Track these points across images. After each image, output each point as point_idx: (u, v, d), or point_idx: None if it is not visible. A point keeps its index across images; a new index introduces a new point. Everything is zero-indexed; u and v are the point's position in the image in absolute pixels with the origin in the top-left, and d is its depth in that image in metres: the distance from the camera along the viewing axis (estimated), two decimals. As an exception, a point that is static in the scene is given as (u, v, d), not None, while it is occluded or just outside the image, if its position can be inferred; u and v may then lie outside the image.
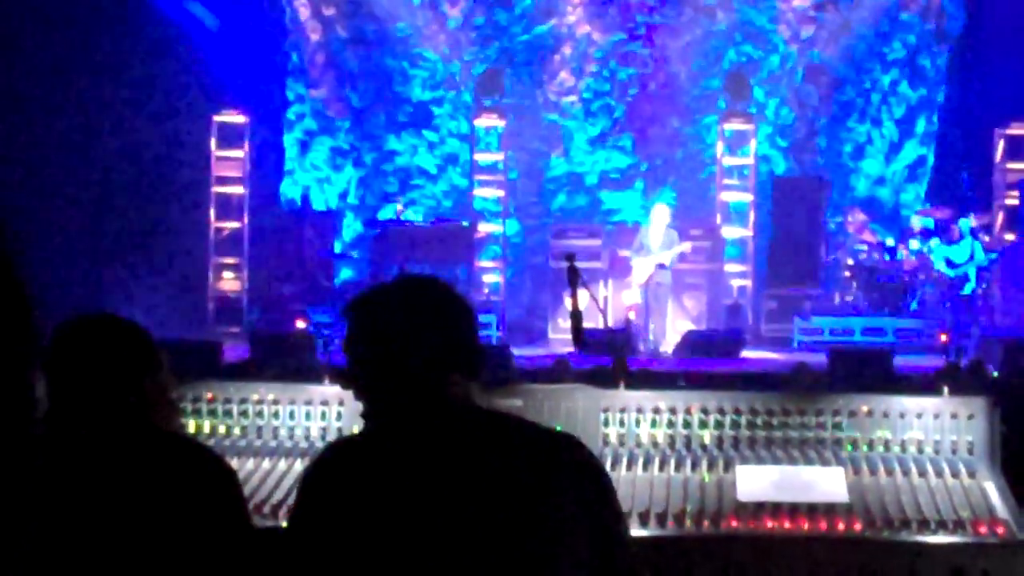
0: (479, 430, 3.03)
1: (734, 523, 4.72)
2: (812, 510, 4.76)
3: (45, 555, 3.03)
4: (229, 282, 19.14)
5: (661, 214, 16.83)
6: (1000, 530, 4.63)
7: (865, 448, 5.13)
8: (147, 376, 3.43)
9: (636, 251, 16.70)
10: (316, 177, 21.44)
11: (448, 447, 2.97)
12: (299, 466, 5.13)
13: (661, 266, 16.52)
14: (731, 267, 19.65)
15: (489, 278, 19.81)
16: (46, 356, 3.36)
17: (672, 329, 16.96)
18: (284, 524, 4.10)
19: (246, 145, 19.27)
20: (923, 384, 6.85)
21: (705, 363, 13.99)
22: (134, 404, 3.37)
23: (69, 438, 3.26)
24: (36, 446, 2.70)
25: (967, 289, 17.08)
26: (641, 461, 5.10)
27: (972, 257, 17.10)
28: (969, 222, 17.37)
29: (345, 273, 20.26)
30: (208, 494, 3.26)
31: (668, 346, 16.34)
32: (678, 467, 5.06)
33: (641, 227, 17.31)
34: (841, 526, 4.68)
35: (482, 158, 20.34)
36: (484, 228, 20.07)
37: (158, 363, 3.49)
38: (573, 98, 21.44)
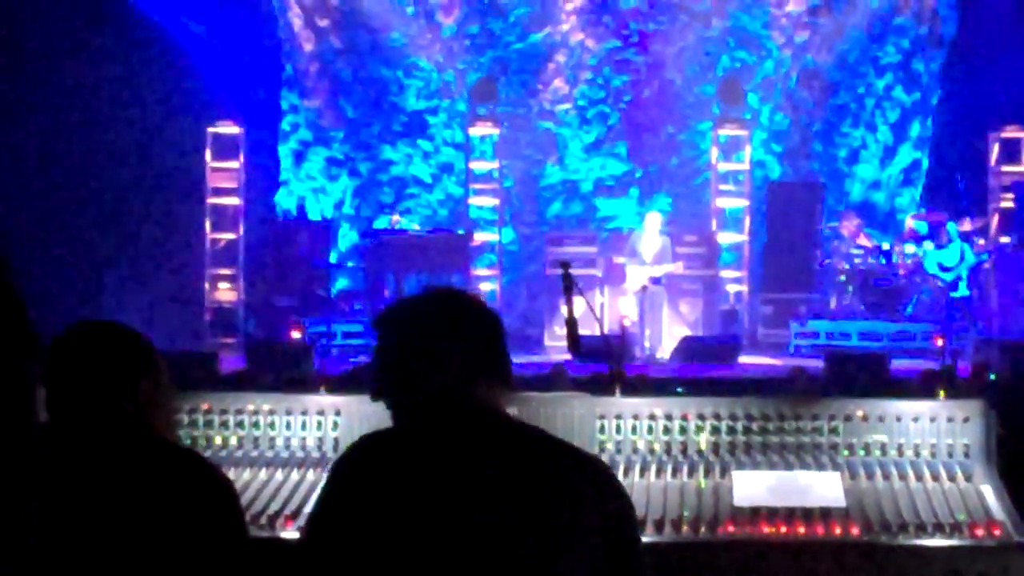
0: (502, 439, 3.06)
1: (731, 528, 4.73)
2: (809, 515, 4.77)
3: (42, 561, 3.03)
4: (225, 293, 19.12)
5: (654, 222, 16.86)
6: (997, 532, 4.63)
7: (862, 452, 5.14)
8: (145, 382, 3.43)
9: (628, 257, 16.70)
10: (311, 187, 21.44)
11: (469, 453, 3.01)
12: (296, 476, 5.14)
13: (655, 280, 16.53)
14: (727, 273, 19.65)
15: (485, 286, 19.80)
16: (45, 363, 3.37)
17: (668, 335, 16.95)
18: (282, 534, 4.10)
19: (241, 156, 19.25)
20: (919, 388, 6.84)
21: (701, 369, 13.99)
22: (132, 411, 3.37)
23: (68, 446, 3.26)
24: (36, 455, 2.70)
25: (959, 292, 17.08)
26: (638, 468, 5.11)
27: (962, 260, 17.11)
28: (957, 226, 17.38)
29: (341, 283, 20.26)
30: (205, 504, 3.26)
31: (664, 352, 16.33)
32: (675, 473, 5.07)
33: (633, 232, 17.31)
34: (838, 530, 4.69)
35: (477, 166, 20.35)
36: (480, 236, 20.05)
37: (157, 369, 3.50)
38: (568, 106, 21.45)
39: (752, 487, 4.95)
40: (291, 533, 4.72)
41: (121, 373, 3.40)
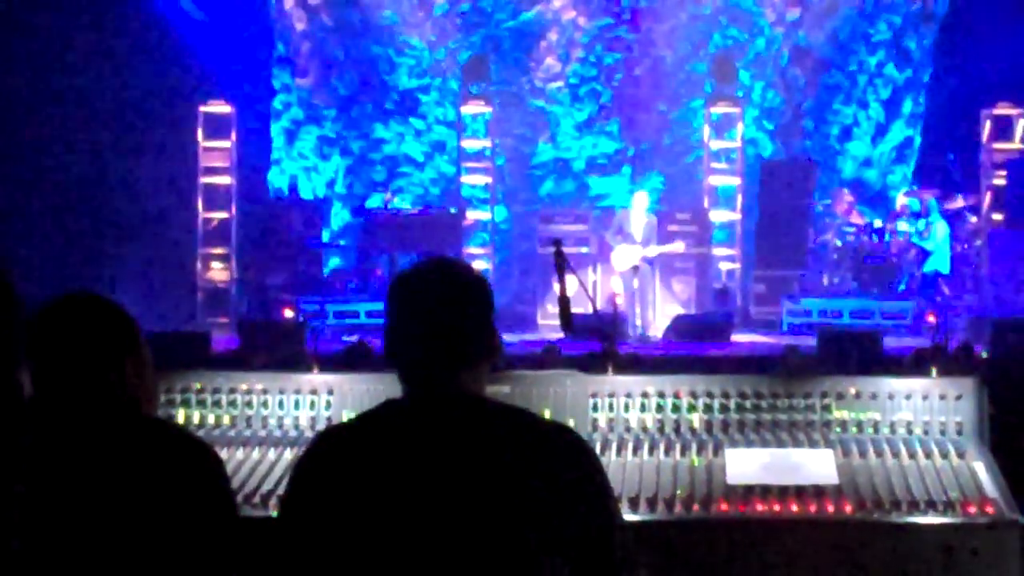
0: (470, 418, 3.04)
1: (724, 507, 4.73)
2: (802, 492, 4.77)
3: (30, 540, 3.03)
4: (217, 272, 19.11)
5: (641, 201, 16.80)
6: (989, 509, 4.64)
7: (854, 430, 5.14)
8: (130, 356, 3.42)
9: (614, 235, 16.64)
10: (303, 166, 21.42)
11: (436, 435, 2.99)
12: (289, 455, 5.13)
13: (648, 260, 16.51)
14: (719, 251, 19.68)
15: (477, 265, 19.76)
16: (31, 335, 3.34)
17: (661, 313, 16.97)
18: (275, 513, 4.09)
19: (233, 135, 19.22)
20: (912, 365, 6.86)
21: (694, 347, 14.02)
22: (117, 385, 3.35)
23: (54, 420, 3.25)
24: (23, 431, 2.68)
25: (928, 267, 17.08)
26: (631, 446, 5.10)
27: (929, 235, 17.11)
28: (938, 202, 17.40)
29: (333, 262, 20.25)
30: (194, 482, 3.25)
31: (656, 331, 16.33)
32: (667, 451, 5.07)
33: (619, 211, 17.26)
34: (831, 508, 4.69)
35: (469, 145, 20.35)
36: (472, 215, 20.07)
37: (140, 345, 3.48)
38: (559, 84, 21.43)
39: (745, 465, 4.95)
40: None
41: (107, 346, 3.38)
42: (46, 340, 3.34)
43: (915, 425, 5.11)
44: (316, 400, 5.36)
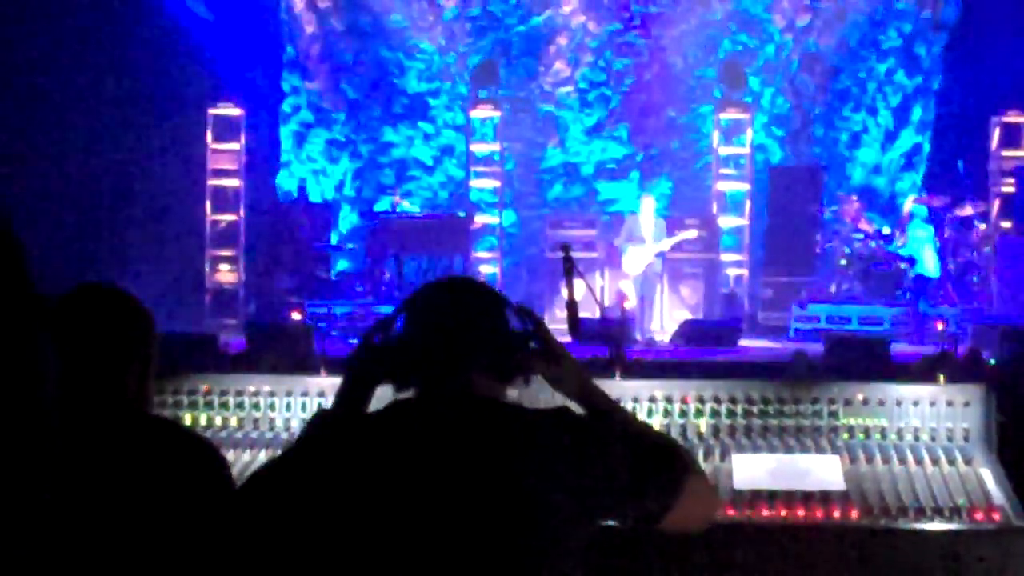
0: (477, 413, 3.05)
1: (730, 512, 4.72)
2: (808, 498, 4.76)
3: (36, 537, 3.03)
4: (226, 274, 19.13)
5: (648, 205, 16.80)
6: (996, 517, 4.63)
7: (861, 436, 5.12)
8: (148, 351, 3.41)
9: (626, 241, 16.64)
10: (312, 169, 21.45)
11: (443, 428, 2.99)
12: (296, 457, 5.12)
13: (662, 257, 16.53)
14: (727, 256, 19.67)
15: (485, 269, 19.80)
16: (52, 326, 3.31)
17: (669, 318, 16.95)
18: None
19: (242, 138, 19.24)
20: (919, 371, 6.84)
21: (702, 352, 14.00)
22: (132, 381, 3.35)
23: (70, 419, 3.24)
24: (48, 426, 2.68)
25: (916, 271, 17.04)
26: (637, 450, 5.09)
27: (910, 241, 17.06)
28: (922, 208, 17.36)
29: (342, 265, 20.26)
30: (200, 483, 3.25)
31: (664, 335, 16.33)
32: (674, 456, 5.06)
33: (628, 217, 17.22)
34: (837, 514, 4.68)
35: (478, 149, 20.36)
36: (480, 219, 20.07)
37: (156, 341, 3.48)
38: (569, 88, 21.44)
39: (752, 470, 4.94)
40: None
41: (129, 339, 3.38)
42: (68, 330, 3.32)
43: (922, 431, 5.11)
44: (323, 402, 5.35)
